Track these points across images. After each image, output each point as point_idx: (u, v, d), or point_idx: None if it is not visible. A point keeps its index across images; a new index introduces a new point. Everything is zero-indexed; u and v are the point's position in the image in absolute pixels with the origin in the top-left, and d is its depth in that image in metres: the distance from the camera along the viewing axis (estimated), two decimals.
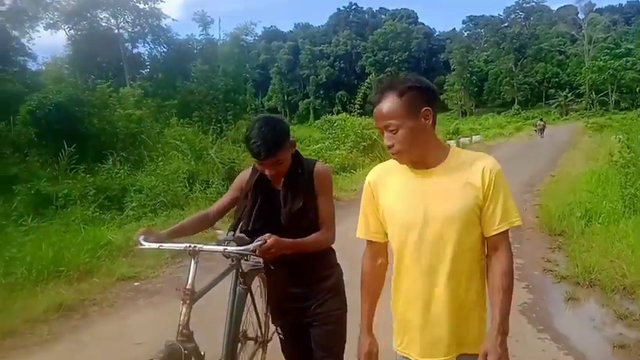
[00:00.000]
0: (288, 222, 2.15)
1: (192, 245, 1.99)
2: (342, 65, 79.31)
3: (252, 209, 2.22)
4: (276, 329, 2.53)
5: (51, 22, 26.10)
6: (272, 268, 2.25)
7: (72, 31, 25.94)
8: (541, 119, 37.74)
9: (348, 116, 19.23)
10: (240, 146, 15.11)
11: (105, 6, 27.56)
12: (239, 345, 2.50)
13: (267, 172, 2.13)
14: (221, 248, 2.02)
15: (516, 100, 59.52)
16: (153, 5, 28.10)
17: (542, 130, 32.35)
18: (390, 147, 1.64)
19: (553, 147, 21.13)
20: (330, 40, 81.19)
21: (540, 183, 11.53)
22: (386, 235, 1.82)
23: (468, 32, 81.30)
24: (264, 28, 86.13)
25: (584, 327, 4.06)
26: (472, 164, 1.66)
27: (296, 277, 2.26)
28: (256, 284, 2.70)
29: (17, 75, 19.67)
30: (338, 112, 24.67)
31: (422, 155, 1.67)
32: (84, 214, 7.97)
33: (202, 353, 2.10)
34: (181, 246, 2.00)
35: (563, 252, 6.03)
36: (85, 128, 13.93)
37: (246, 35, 24.77)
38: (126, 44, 28.95)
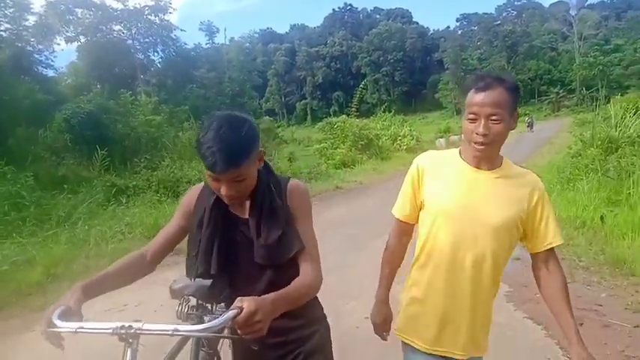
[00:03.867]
0: (266, 258, 1.56)
1: (127, 325, 1.31)
2: (338, 66, 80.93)
3: (210, 244, 1.59)
4: None
5: (71, 35, 28.02)
6: (255, 348, 1.54)
7: (88, 43, 27.69)
8: (529, 116, 40.36)
9: (346, 118, 21.02)
10: None
11: (119, 19, 29.55)
12: None
13: (223, 192, 1.49)
14: (170, 328, 1.29)
15: None
16: (163, 17, 30.16)
17: (531, 125, 35.93)
18: (483, 135, 1.59)
19: (533, 143, 22.97)
20: (326, 41, 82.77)
21: None
22: (417, 219, 1.83)
23: (461, 30, 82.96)
24: (260, 30, 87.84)
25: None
26: (522, 178, 1.71)
27: (269, 338, 1.47)
28: (227, 343, 2.05)
29: (43, 85, 21.35)
30: (335, 113, 26.38)
31: (495, 155, 1.70)
32: (152, 198, 10.14)
33: None
34: (109, 327, 1.31)
35: None
36: (112, 133, 15.63)
37: (248, 43, 26.51)
38: (138, 54, 30.76)
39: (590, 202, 7.29)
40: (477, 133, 1.59)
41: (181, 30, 40.33)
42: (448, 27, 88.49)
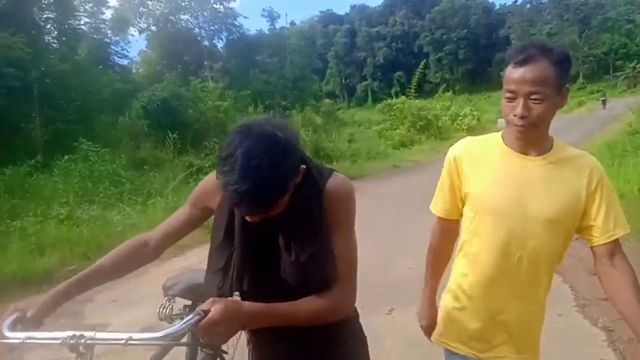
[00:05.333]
0: (296, 277, 1.28)
1: (77, 335, 1.13)
2: (399, 46, 79.79)
3: (244, 261, 1.33)
4: None
5: (143, 26, 30.01)
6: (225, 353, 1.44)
7: (159, 33, 29.43)
8: (603, 93, 39.03)
9: (405, 99, 21.16)
10: (308, 129, 17.59)
11: (187, 9, 31.13)
12: None
13: (248, 219, 1.24)
14: (124, 337, 1.12)
15: (581, 74, 58.09)
16: (227, 5, 31.46)
17: (604, 102, 34.98)
18: (522, 117, 1.38)
19: (600, 121, 22.12)
20: (387, 21, 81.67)
21: None
22: (461, 214, 1.63)
23: (529, 4, 79.12)
24: (320, 11, 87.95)
25: None
26: (577, 162, 1.49)
27: (284, 343, 1.41)
28: (234, 340, 1.77)
29: (120, 74, 23.06)
30: (396, 94, 26.49)
31: (541, 138, 1.48)
32: None
33: None
34: (59, 337, 1.13)
35: None
36: (183, 118, 16.77)
37: (309, 27, 27.13)
38: (204, 42, 32.26)
39: (634, 177, 7.42)
40: (514, 115, 1.39)
41: (244, 17, 41.64)
42: (515, 1, 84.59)
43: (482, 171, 1.53)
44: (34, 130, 15.08)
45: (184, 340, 1.85)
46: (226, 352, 2.05)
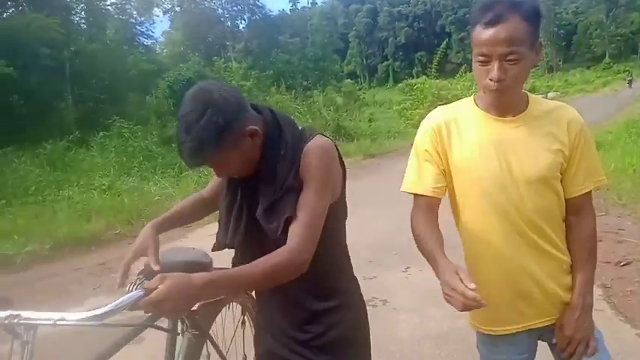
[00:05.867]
0: (268, 230, 1.32)
1: (15, 314, 1.03)
2: (421, 25, 78.74)
3: (228, 211, 1.44)
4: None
5: (168, 6, 30.44)
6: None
7: (183, 13, 29.83)
8: (629, 73, 38.38)
9: (426, 79, 21.26)
10: (330, 109, 17.92)
11: None
12: None
13: (215, 173, 1.40)
14: (55, 317, 1.04)
15: (607, 54, 56.76)
16: None
17: (630, 82, 34.77)
18: (498, 80, 1.29)
19: (625, 101, 21.94)
20: (409, 0, 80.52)
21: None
22: (445, 190, 1.49)
23: None
24: None
25: None
26: (555, 115, 1.42)
27: (282, 305, 1.46)
28: (226, 316, 1.88)
29: (146, 55, 23.60)
30: (417, 74, 26.52)
31: (515, 98, 1.40)
32: None
33: None
34: None
35: None
36: None
37: (330, 7, 27.20)
38: (227, 22, 32.54)
39: None
40: (490, 79, 1.30)
41: None
42: None
43: (465, 141, 1.44)
44: (66, 108, 15.74)
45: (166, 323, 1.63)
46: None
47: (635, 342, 3.07)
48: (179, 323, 1.63)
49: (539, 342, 1.57)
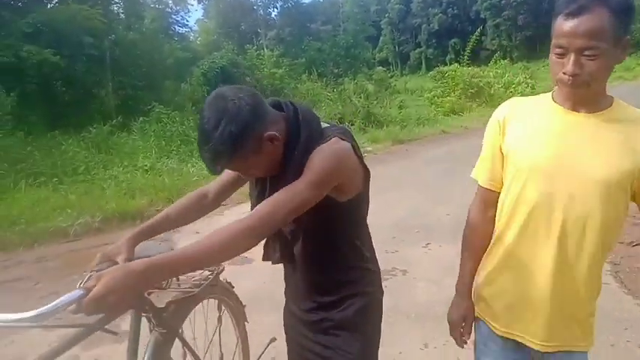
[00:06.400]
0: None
1: None
2: (455, 11, 77.19)
3: (259, 200, 1.35)
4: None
5: None
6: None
7: (217, 2, 30.35)
8: None
9: (458, 67, 21.13)
10: (360, 97, 18.11)
11: None
12: None
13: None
14: None
15: None
16: None
17: None
18: (572, 75, 1.20)
19: None
20: None
21: None
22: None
23: None
24: None
25: None
26: (638, 123, 1.27)
27: (295, 292, 1.60)
28: (201, 312, 1.82)
29: (181, 43, 24.23)
30: (450, 61, 26.31)
31: (595, 97, 1.29)
32: None
33: None
34: None
35: None
36: (241, 86, 17.73)
37: None
38: (260, 10, 32.98)
39: None
40: (564, 73, 1.22)
41: None
42: None
43: (527, 128, 1.36)
44: (106, 95, 16.44)
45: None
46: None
47: (635, 310, 3.32)
48: (146, 321, 1.50)
49: None
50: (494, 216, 1.45)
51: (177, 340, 1.63)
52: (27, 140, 9.55)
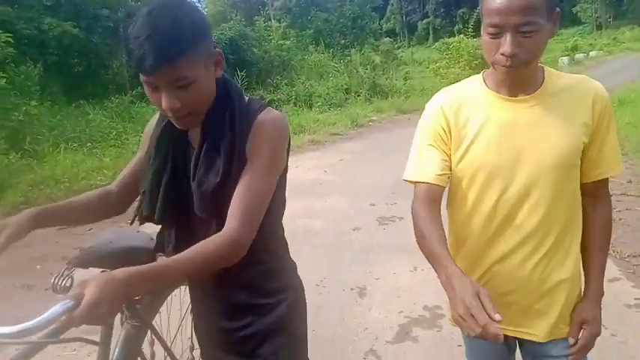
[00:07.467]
0: (200, 208, 1.20)
1: None
2: None
3: (155, 182, 1.26)
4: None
5: None
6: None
7: None
8: None
9: (462, 38, 21.46)
10: (367, 68, 18.58)
11: None
12: None
13: (164, 105, 1.11)
14: None
15: None
16: None
17: None
18: (511, 55, 1.14)
19: None
20: None
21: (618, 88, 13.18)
22: (448, 179, 1.35)
23: None
24: None
25: None
26: (576, 91, 1.26)
27: (220, 304, 1.36)
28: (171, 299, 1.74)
29: None
30: (459, 31, 26.37)
31: (530, 75, 1.25)
32: (292, 109, 13.23)
33: None
34: None
35: None
36: (249, 57, 18.17)
37: None
38: None
39: None
40: (502, 54, 1.16)
41: None
42: None
43: (474, 125, 1.30)
44: (121, 66, 17.00)
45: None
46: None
47: None
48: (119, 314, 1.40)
49: None
50: (439, 211, 1.32)
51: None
52: (54, 109, 10.23)
